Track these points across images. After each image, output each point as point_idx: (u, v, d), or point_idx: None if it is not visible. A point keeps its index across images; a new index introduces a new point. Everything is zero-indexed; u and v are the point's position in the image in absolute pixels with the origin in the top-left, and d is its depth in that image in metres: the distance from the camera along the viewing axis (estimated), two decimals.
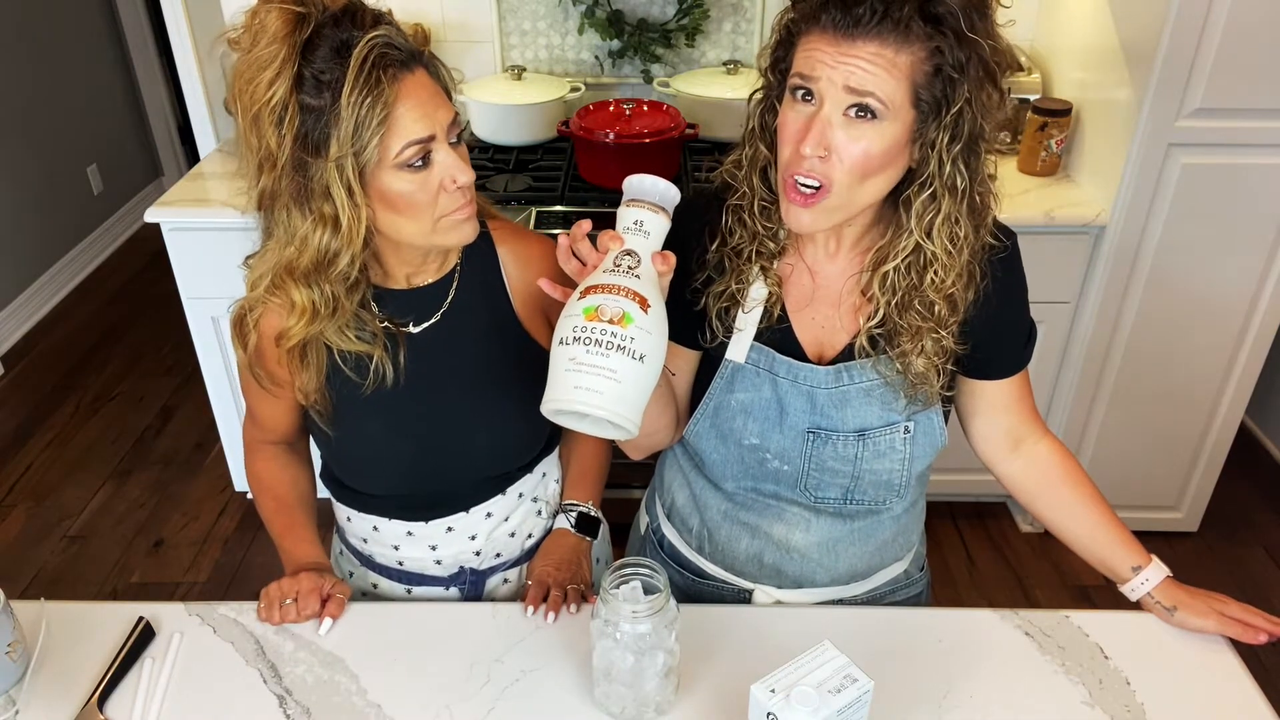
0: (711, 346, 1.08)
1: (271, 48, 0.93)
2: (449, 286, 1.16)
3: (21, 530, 2.60)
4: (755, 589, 1.20)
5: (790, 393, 1.07)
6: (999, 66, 0.91)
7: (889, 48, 0.87)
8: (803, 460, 1.09)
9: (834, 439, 1.08)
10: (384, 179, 0.98)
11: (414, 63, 0.98)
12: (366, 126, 0.94)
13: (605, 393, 0.82)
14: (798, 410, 1.07)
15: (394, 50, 0.96)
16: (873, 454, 1.09)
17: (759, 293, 1.06)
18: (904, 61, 0.88)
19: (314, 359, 1.11)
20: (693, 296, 1.07)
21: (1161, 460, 2.39)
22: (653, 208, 0.89)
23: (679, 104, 2.38)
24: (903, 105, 0.89)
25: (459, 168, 1.01)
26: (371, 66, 0.93)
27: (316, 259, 1.01)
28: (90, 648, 1.09)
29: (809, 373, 1.06)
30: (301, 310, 1.05)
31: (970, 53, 0.88)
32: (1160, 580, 1.12)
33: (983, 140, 0.93)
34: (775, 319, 1.06)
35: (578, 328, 0.83)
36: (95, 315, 3.69)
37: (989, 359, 1.12)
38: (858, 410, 1.07)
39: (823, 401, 1.07)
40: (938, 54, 0.88)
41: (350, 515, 1.26)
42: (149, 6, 4.18)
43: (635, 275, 0.85)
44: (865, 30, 0.87)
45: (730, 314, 1.06)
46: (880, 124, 0.90)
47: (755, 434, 1.09)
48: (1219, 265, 2.09)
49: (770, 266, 1.05)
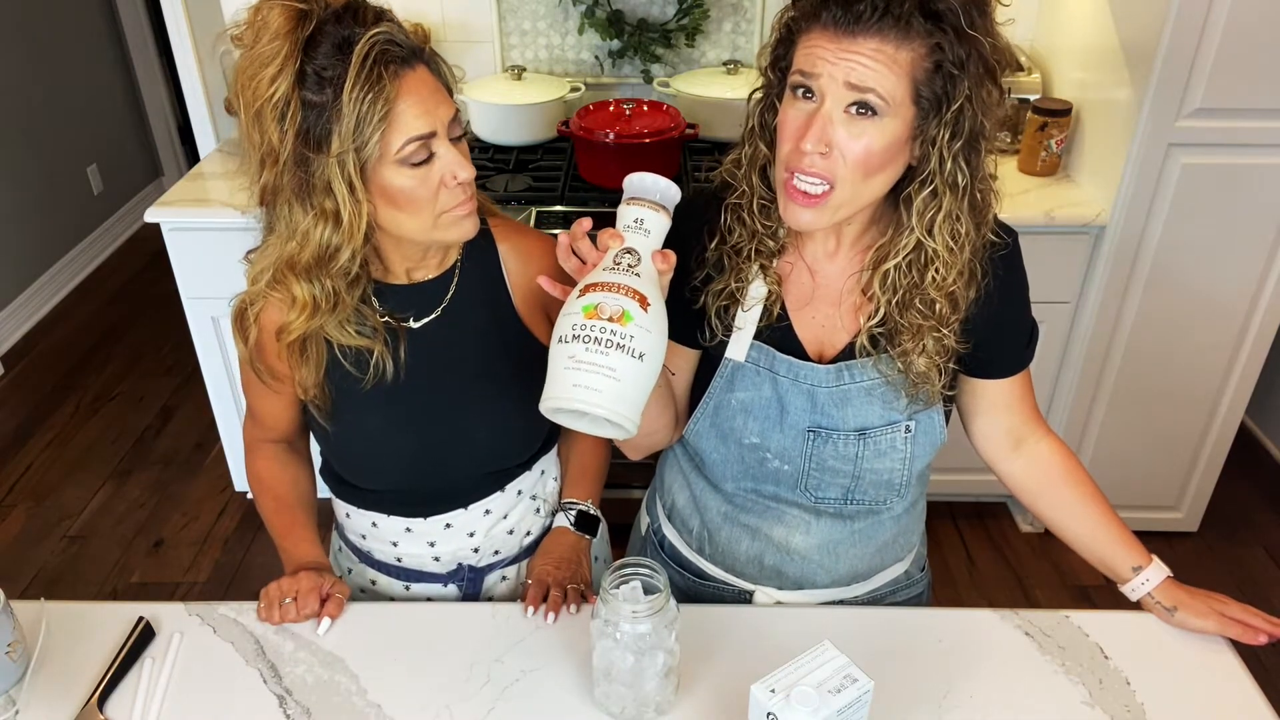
0: (711, 345, 1.08)
1: (274, 44, 0.93)
2: (449, 282, 1.16)
3: (21, 530, 2.60)
4: (756, 590, 1.20)
5: (791, 391, 1.07)
6: (999, 64, 0.91)
7: (890, 44, 0.87)
8: (803, 460, 1.09)
9: (834, 438, 1.08)
10: (385, 175, 0.99)
11: (415, 59, 0.99)
12: (368, 122, 0.94)
13: (604, 391, 0.81)
14: (798, 409, 1.07)
15: (395, 47, 0.96)
16: (873, 453, 1.09)
17: (758, 291, 1.06)
18: (904, 58, 0.88)
19: (314, 353, 1.11)
20: (692, 295, 1.07)
21: (1161, 460, 2.39)
22: (653, 206, 0.88)
23: (679, 104, 2.38)
24: (903, 102, 0.89)
25: (460, 164, 1.01)
26: (373, 63, 0.94)
27: (317, 254, 1.02)
28: (90, 648, 1.09)
29: (810, 371, 1.06)
30: (302, 305, 1.05)
31: (970, 49, 0.88)
32: (1161, 580, 1.12)
33: (983, 138, 0.93)
34: (775, 318, 1.06)
35: (577, 325, 0.82)
36: (95, 315, 3.69)
37: (991, 358, 1.12)
38: (858, 409, 1.07)
39: (823, 400, 1.07)
40: (938, 50, 0.88)
41: (349, 511, 1.26)
42: (149, 6, 4.18)
43: (635, 274, 0.85)
44: (866, 26, 0.87)
45: (730, 312, 1.06)
46: (881, 121, 0.90)
47: (755, 433, 1.09)
48: (1219, 265, 2.09)
49: (769, 265, 1.05)
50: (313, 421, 1.20)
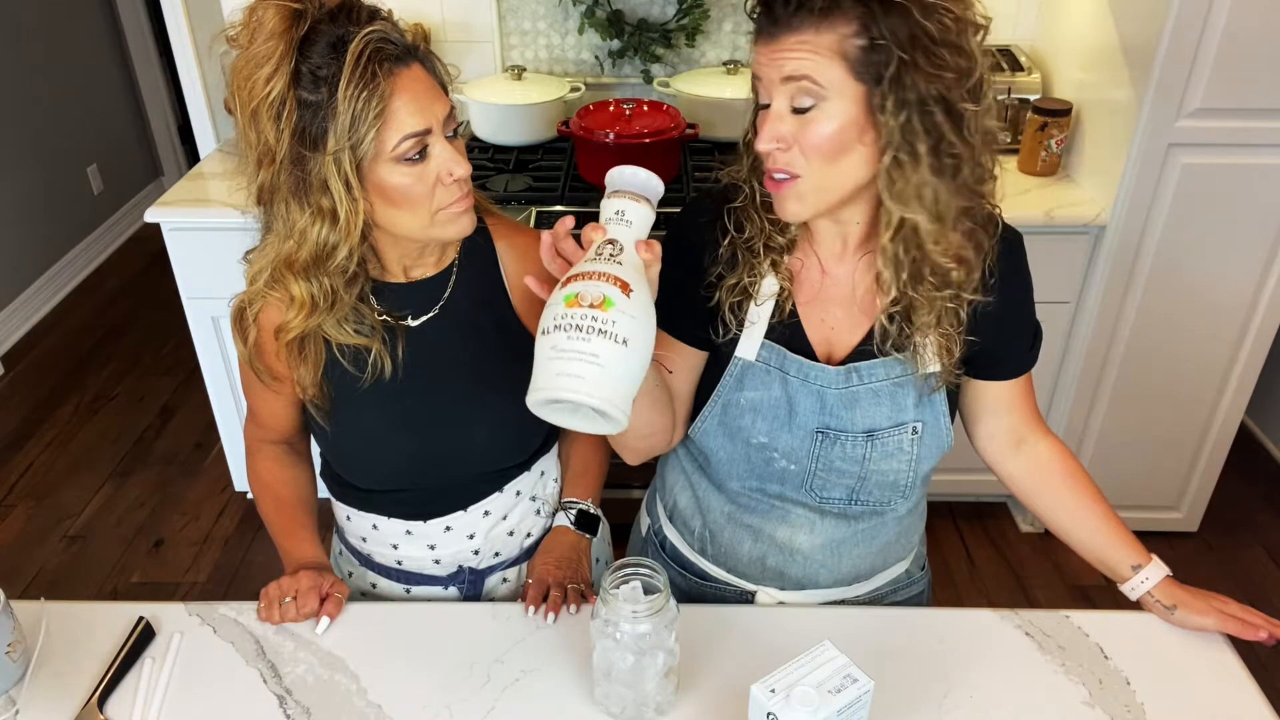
0: (724, 341, 1.08)
1: (269, 44, 0.94)
2: (447, 280, 1.16)
3: (21, 530, 2.60)
4: (758, 591, 1.20)
5: (800, 392, 1.07)
6: (935, 28, 0.89)
7: (808, 32, 0.90)
8: (810, 460, 1.09)
9: (842, 439, 1.08)
10: (381, 172, 0.99)
11: (410, 57, 0.99)
12: (363, 120, 0.95)
13: (587, 378, 0.79)
14: (807, 410, 1.07)
15: (389, 45, 0.97)
16: (881, 454, 1.09)
17: (770, 286, 1.06)
18: (826, 40, 0.90)
19: (312, 352, 1.12)
20: (706, 292, 1.07)
21: (1161, 460, 2.39)
22: (634, 197, 0.88)
23: (679, 104, 2.38)
24: (843, 81, 0.90)
25: (455, 161, 1.02)
26: (367, 61, 0.94)
27: (315, 252, 1.02)
28: (90, 648, 1.09)
29: (820, 372, 1.06)
30: (300, 304, 1.05)
31: (900, 17, 0.88)
32: (1160, 579, 1.12)
33: (942, 101, 0.91)
34: (786, 314, 1.07)
35: (558, 315, 0.81)
36: (95, 315, 3.69)
37: (996, 360, 1.12)
38: (867, 411, 1.07)
39: (833, 402, 1.07)
40: (868, 24, 0.89)
41: (350, 514, 1.26)
42: (149, 6, 4.18)
43: (617, 262, 0.84)
44: (785, 25, 0.91)
45: (743, 307, 1.07)
46: (826, 105, 0.91)
47: (764, 432, 1.09)
48: (1219, 265, 2.09)
49: (780, 260, 1.06)
50: (313, 421, 1.20)
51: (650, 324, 0.84)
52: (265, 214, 1.06)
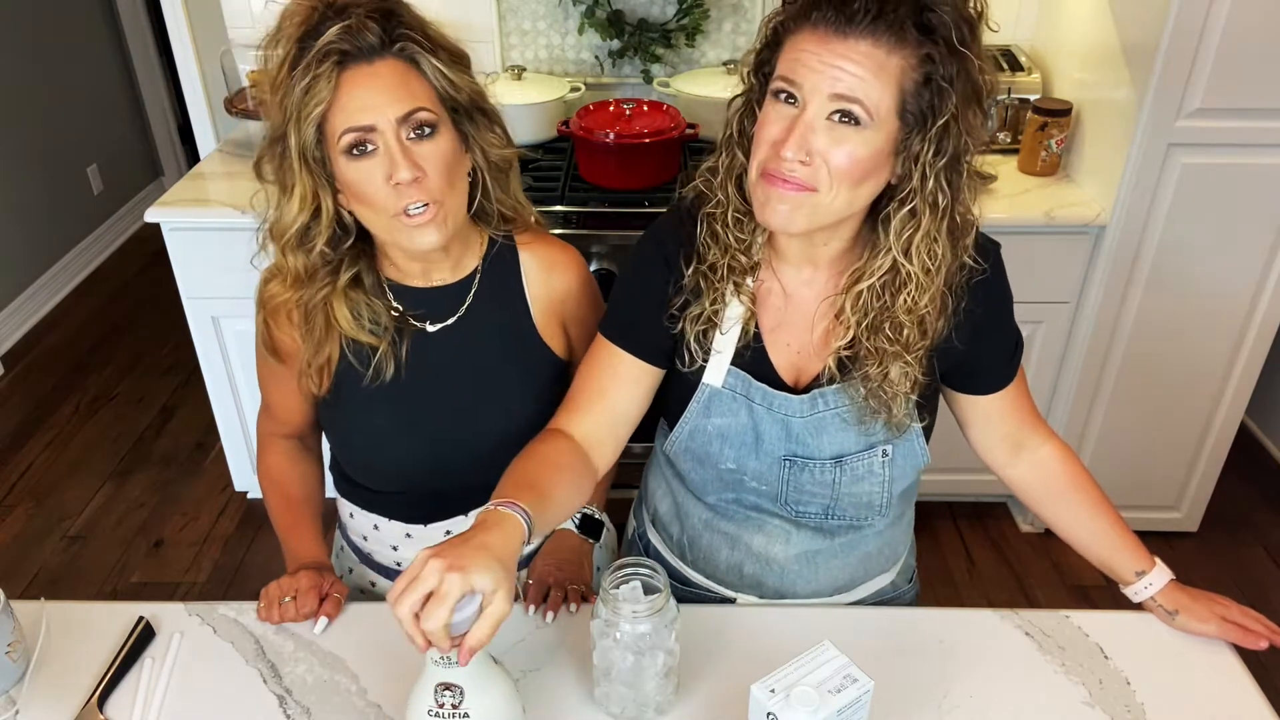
0: (690, 370, 1.06)
1: (287, 29, 1.01)
2: (468, 289, 1.16)
3: (21, 530, 2.60)
4: (737, 598, 1.19)
5: (765, 420, 1.05)
6: (985, 87, 0.89)
7: (881, 48, 0.85)
8: (780, 484, 1.09)
9: (810, 466, 1.07)
10: (338, 164, 1.03)
11: (381, 53, 1.01)
12: (306, 105, 0.99)
13: None
14: (773, 437, 1.06)
15: (353, 38, 0.99)
16: (850, 478, 1.08)
17: (735, 312, 1.03)
18: (894, 65, 0.86)
19: (319, 328, 1.12)
20: (669, 323, 1.05)
21: (1161, 460, 2.39)
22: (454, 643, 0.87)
23: (679, 104, 2.38)
24: (888, 115, 0.87)
25: (395, 163, 1.00)
26: (326, 53, 0.98)
27: (288, 226, 1.06)
28: (90, 648, 1.08)
29: (783, 401, 1.05)
30: (285, 274, 1.10)
31: (960, 66, 0.86)
32: (1164, 584, 1.12)
33: (966, 160, 0.91)
34: (751, 338, 1.05)
35: None
36: (95, 315, 3.69)
37: (975, 375, 1.11)
38: (834, 437, 1.06)
39: (798, 430, 1.05)
40: (928, 62, 0.86)
41: (353, 511, 1.27)
42: (149, 6, 4.18)
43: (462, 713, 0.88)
44: (858, 27, 0.85)
45: (708, 336, 1.04)
46: (864, 131, 0.87)
47: (731, 459, 1.08)
48: (1219, 265, 2.09)
49: (743, 283, 1.02)
50: (323, 416, 1.21)
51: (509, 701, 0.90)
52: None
